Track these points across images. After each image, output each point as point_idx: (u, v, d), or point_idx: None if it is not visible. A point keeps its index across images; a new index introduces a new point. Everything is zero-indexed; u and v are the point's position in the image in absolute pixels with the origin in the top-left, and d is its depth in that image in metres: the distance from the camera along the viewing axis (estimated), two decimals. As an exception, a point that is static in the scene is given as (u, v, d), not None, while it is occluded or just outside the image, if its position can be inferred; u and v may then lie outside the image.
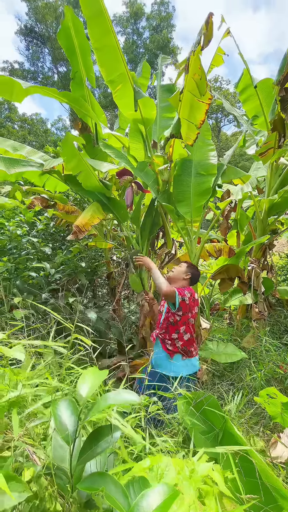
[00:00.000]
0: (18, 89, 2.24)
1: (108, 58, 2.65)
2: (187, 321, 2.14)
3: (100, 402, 0.67)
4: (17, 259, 2.54)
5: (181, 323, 2.13)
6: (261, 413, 2.06)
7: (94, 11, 2.52)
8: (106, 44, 2.59)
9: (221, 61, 3.34)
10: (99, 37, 2.57)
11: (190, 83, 2.34)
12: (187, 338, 2.15)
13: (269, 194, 3.52)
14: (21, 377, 0.80)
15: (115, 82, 2.79)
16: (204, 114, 2.54)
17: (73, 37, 2.99)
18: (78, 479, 0.64)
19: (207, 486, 0.83)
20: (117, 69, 2.74)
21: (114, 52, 2.64)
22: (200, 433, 1.42)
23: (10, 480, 0.55)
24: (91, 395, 0.65)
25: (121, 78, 2.77)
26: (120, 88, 2.83)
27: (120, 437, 0.98)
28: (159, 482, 0.74)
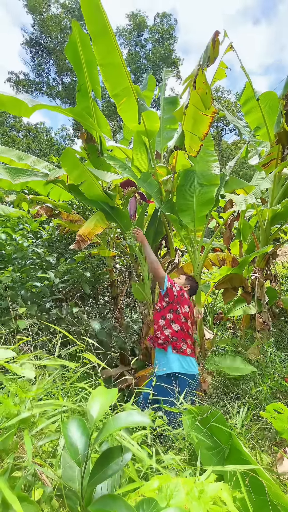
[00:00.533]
0: (25, 107, 2.31)
1: (113, 73, 2.73)
2: (174, 312, 2.24)
3: (111, 423, 0.67)
4: (22, 269, 2.55)
5: (167, 310, 2.24)
6: (266, 428, 2.03)
7: (99, 28, 2.60)
8: (111, 61, 2.68)
9: (223, 75, 3.42)
10: (104, 54, 2.65)
11: (195, 97, 2.39)
12: (176, 328, 2.19)
13: (272, 203, 3.54)
14: (29, 396, 0.80)
15: (120, 96, 2.86)
16: (208, 127, 2.59)
17: (79, 51, 3.08)
18: (89, 500, 0.64)
19: (216, 507, 0.82)
20: (122, 84, 2.81)
21: (118, 68, 2.71)
22: (206, 449, 1.40)
23: (22, 501, 0.55)
24: (101, 416, 0.65)
25: (126, 92, 2.84)
26: (124, 101, 2.90)
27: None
28: (168, 503, 0.73)
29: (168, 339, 2.16)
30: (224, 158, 22.39)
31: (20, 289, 2.47)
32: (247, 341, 3.38)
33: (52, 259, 2.81)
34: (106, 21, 2.60)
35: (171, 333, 2.17)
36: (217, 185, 3.33)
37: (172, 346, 2.14)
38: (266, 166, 3.17)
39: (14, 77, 25.63)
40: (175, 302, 2.26)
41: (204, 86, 2.20)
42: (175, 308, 2.24)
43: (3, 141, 20.45)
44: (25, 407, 0.77)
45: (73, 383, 1.20)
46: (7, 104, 2.28)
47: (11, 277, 2.28)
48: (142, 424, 0.69)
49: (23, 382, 1.07)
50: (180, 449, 1.35)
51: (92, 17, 2.60)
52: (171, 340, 2.16)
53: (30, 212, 3.41)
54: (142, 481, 0.85)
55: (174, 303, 2.25)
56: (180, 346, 2.15)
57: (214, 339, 3.48)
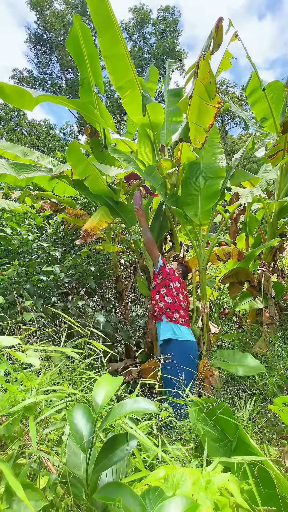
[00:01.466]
0: (29, 98, 2.28)
1: (118, 65, 2.68)
2: (167, 287, 2.51)
3: (116, 409, 0.66)
4: (27, 263, 2.56)
5: (161, 285, 2.52)
6: (273, 421, 2.01)
7: (103, 19, 2.55)
8: (116, 52, 2.62)
9: (229, 65, 3.34)
10: (108, 46, 2.60)
11: (199, 87, 2.33)
12: (169, 301, 2.47)
13: (278, 196, 3.47)
14: (34, 384, 0.80)
15: (124, 88, 2.81)
16: (213, 118, 2.53)
17: (81, 45, 3.04)
18: (94, 488, 0.63)
19: (223, 498, 0.81)
20: (126, 76, 2.76)
21: (123, 59, 2.66)
22: (212, 440, 1.39)
23: (26, 488, 0.55)
24: (107, 402, 0.64)
25: (130, 84, 2.79)
26: (128, 93, 2.85)
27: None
28: (174, 493, 0.72)
29: (162, 310, 2.45)
30: (230, 152, 22.08)
31: (26, 283, 2.49)
32: (253, 335, 3.35)
33: (57, 254, 2.81)
34: (111, 12, 2.56)
35: (165, 305, 2.46)
36: (223, 177, 3.27)
37: (166, 316, 2.42)
38: (272, 158, 3.10)
39: (18, 74, 25.64)
40: (167, 278, 2.54)
41: (208, 75, 2.14)
42: (168, 283, 2.53)
43: (8, 139, 20.55)
44: (30, 394, 0.77)
45: (79, 374, 1.20)
46: (11, 95, 2.25)
47: (17, 271, 2.29)
48: (149, 411, 0.68)
49: (29, 372, 1.07)
50: (186, 441, 1.35)
51: (97, 8, 2.56)
52: (165, 311, 2.44)
53: (34, 207, 3.42)
54: (147, 471, 0.84)
55: (166, 279, 2.54)
56: (173, 316, 2.42)
57: (220, 334, 3.46)
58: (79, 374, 1.24)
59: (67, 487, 0.64)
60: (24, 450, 0.67)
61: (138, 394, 1.26)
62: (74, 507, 0.63)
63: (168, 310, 2.44)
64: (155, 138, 3.02)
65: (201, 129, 2.64)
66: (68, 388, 0.86)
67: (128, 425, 0.83)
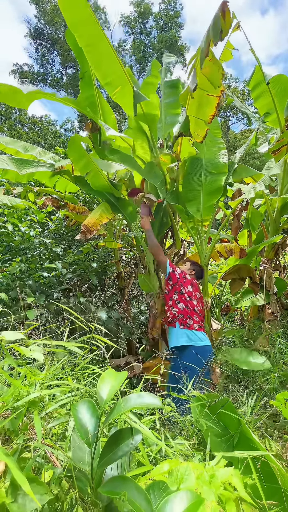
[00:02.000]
0: (21, 96, 2.20)
1: (102, 60, 2.50)
2: (179, 292, 2.49)
3: (121, 404, 0.66)
4: (29, 259, 2.56)
5: (173, 291, 2.50)
6: (276, 416, 2.02)
7: (79, 18, 2.32)
8: (98, 47, 2.44)
9: (230, 56, 3.22)
10: (89, 41, 2.42)
11: (201, 79, 2.27)
12: (181, 307, 2.46)
13: (281, 192, 3.45)
14: (38, 378, 0.80)
15: (112, 84, 2.65)
16: (215, 109, 2.45)
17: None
18: (99, 482, 0.63)
19: (227, 492, 0.81)
20: (114, 71, 2.59)
21: (108, 54, 2.48)
22: (214, 435, 1.40)
23: (32, 482, 0.55)
24: (111, 397, 0.64)
25: (119, 81, 2.63)
26: (119, 90, 2.71)
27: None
28: (178, 487, 0.72)
29: (175, 317, 2.43)
30: (232, 148, 21.91)
31: (28, 280, 2.49)
32: (255, 331, 3.35)
33: (59, 250, 2.81)
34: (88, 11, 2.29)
35: (178, 312, 2.44)
36: (225, 173, 3.24)
37: (180, 322, 2.40)
38: (276, 153, 3.07)
39: (18, 69, 25.43)
40: (178, 284, 2.51)
41: (211, 63, 2.09)
42: (179, 289, 2.51)
43: (9, 135, 20.45)
44: (34, 389, 0.77)
45: (82, 369, 1.21)
46: (5, 94, 2.19)
47: (19, 268, 2.29)
48: (153, 406, 0.68)
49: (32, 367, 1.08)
50: (189, 436, 1.35)
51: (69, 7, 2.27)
52: (178, 317, 2.42)
53: (36, 203, 3.41)
54: (151, 465, 0.84)
55: (177, 285, 2.51)
56: (186, 322, 2.40)
57: (221, 330, 3.46)
58: (82, 369, 1.24)
59: (72, 481, 0.64)
60: (29, 444, 0.68)
61: (142, 390, 1.26)
62: (79, 501, 0.63)
63: (181, 317, 2.41)
64: (151, 133, 2.93)
65: (202, 121, 2.56)
66: (73, 383, 0.86)
67: (132, 420, 0.83)
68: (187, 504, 0.55)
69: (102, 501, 0.66)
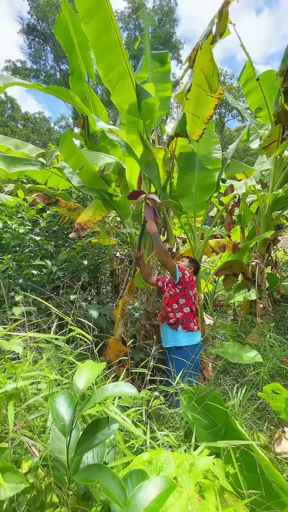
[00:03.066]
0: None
1: (107, 55, 2.40)
2: (186, 296, 2.47)
3: (97, 394, 0.66)
4: (20, 257, 2.55)
5: (181, 295, 2.46)
6: (264, 409, 2.05)
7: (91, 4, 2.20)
8: (106, 40, 2.33)
9: (227, 32, 3.10)
10: (98, 33, 2.31)
11: (199, 76, 2.23)
12: (187, 311, 2.45)
13: (273, 188, 3.47)
14: (19, 371, 0.80)
15: (114, 80, 2.53)
16: (213, 109, 2.42)
17: (71, 32, 2.96)
18: (75, 470, 0.64)
19: (207, 480, 0.83)
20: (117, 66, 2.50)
21: (115, 48, 2.37)
22: (202, 428, 1.42)
23: (7, 471, 0.55)
24: (87, 387, 0.64)
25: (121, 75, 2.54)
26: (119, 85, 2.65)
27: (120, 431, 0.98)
28: (158, 475, 0.73)
29: (179, 321, 2.43)
30: (227, 145, 21.90)
31: (18, 277, 2.48)
32: (247, 326, 3.38)
33: (50, 247, 2.79)
34: None
35: (182, 316, 2.44)
36: (219, 169, 3.25)
37: (183, 326, 2.43)
38: (267, 149, 3.08)
39: (11, 66, 25.09)
40: (187, 287, 2.47)
41: (210, 64, 2.07)
42: (188, 293, 2.47)
43: (2, 132, 20.21)
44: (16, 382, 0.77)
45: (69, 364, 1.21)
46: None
47: (8, 265, 2.27)
48: (129, 394, 0.69)
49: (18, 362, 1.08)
50: (177, 428, 1.37)
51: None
52: (182, 322, 2.43)
53: (27, 200, 3.38)
54: (133, 455, 0.85)
55: (187, 289, 2.47)
56: (189, 326, 2.43)
57: (214, 325, 3.49)
58: (70, 364, 1.25)
59: (48, 469, 0.65)
60: (7, 435, 0.68)
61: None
62: (56, 489, 0.64)
63: (185, 321, 2.43)
64: (145, 125, 2.82)
65: (199, 120, 2.54)
66: (52, 374, 0.87)
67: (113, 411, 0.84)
68: (160, 490, 0.55)
69: (79, 489, 0.66)
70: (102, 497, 0.65)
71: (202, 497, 0.75)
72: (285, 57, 2.63)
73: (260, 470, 1.05)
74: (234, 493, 0.88)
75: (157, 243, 2.43)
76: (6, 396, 0.72)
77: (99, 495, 0.65)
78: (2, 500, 0.55)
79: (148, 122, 2.68)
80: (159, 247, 2.41)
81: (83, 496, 0.66)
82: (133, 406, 1.24)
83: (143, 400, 1.25)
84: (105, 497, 0.62)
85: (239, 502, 0.84)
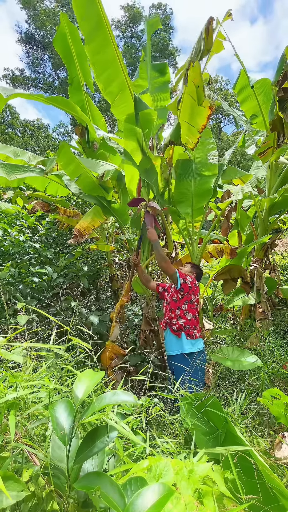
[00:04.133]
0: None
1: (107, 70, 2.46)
2: (189, 302, 2.44)
3: (95, 402, 0.68)
4: (19, 264, 2.57)
5: (183, 301, 2.43)
6: (264, 414, 2.05)
7: (93, 24, 2.28)
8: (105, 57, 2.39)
9: (221, 47, 3.15)
10: (97, 50, 2.38)
11: (191, 87, 2.31)
12: (189, 317, 2.43)
13: (269, 193, 3.51)
14: (19, 380, 0.82)
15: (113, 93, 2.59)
16: (206, 120, 2.49)
17: (69, 43, 3.03)
18: (75, 478, 0.65)
19: (206, 487, 0.84)
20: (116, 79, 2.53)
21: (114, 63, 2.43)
22: (202, 434, 1.42)
23: (8, 480, 0.57)
24: (87, 395, 0.66)
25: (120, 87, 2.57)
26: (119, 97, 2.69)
27: (120, 438, 0.99)
28: (157, 482, 0.74)
29: (181, 328, 2.40)
30: (224, 150, 22.13)
31: (19, 285, 2.49)
32: (246, 331, 3.39)
33: (49, 254, 2.82)
34: (102, 14, 2.26)
35: (185, 323, 2.41)
36: (215, 175, 3.30)
37: (186, 333, 2.40)
38: (262, 155, 3.13)
39: (9, 74, 25.39)
40: (190, 293, 2.45)
41: (199, 78, 2.14)
42: (190, 298, 2.45)
43: (1, 140, 20.38)
44: (17, 392, 0.79)
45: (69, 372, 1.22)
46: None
47: (9, 272, 2.29)
48: (127, 403, 0.70)
49: (18, 371, 1.09)
50: (177, 435, 1.37)
51: (85, 12, 2.25)
52: (184, 329, 2.40)
53: (26, 208, 3.41)
54: (133, 463, 0.86)
55: (189, 294, 2.45)
56: (192, 333, 2.41)
57: (214, 330, 3.50)
58: (70, 372, 1.26)
59: (49, 477, 0.66)
60: (8, 444, 0.69)
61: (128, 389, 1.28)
62: (56, 497, 0.65)
63: (187, 328, 2.40)
64: (144, 134, 2.87)
65: (194, 129, 2.60)
66: (51, 384, 0.88)
67: (112, 419, 0.85)
68: (159, 496, 0.57)
69: (79, 497, 0.68)
70: (102, 504, 0.66)
71: (200, 503, 0.76)
72: (279, 68, 2.70)
73: (258, 475, 1.05)
74: (233, 499, 0.88)
75: (157, 251, 2.44)
76: (7, 405, 0.73)
77: (98, 503, 0.66)
78: (4, 508, 0.56)
79: (147, 131, 2.71)
80: (159, 254, 2.42)
81: (83, 504, 0.67)
82: (132, 413, 1.25)
83: (143, 407, 1.26)
84: (104, 504, 0.63)
85: (237, 507, 0.85)
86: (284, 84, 2.70)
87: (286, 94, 2.60)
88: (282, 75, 2.71)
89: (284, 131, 2.93)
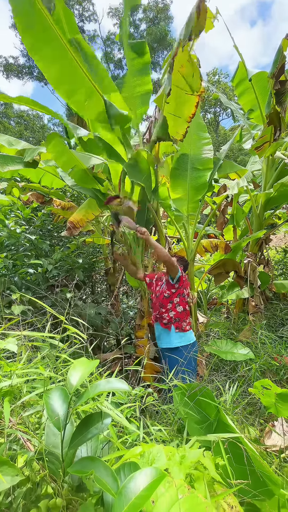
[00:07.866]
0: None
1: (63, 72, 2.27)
2: (181, 295, 2.46)
3: (90, 389, 0.69)
4: (14, 256, 2.55)
5: (176, 295, 2.44)
6: (255, 404, 2.10)
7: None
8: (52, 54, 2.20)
9: (210, 25, 3.00)
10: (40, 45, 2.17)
11: (176, 77, 2.21)
12: (180, 310, 2.45)
13: (265, 188, 3.52)
14: (14, 369, 0.82)
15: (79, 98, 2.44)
16: (194, 107, 2.40)
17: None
18: (69, 463, 0.67)
19: (197, 472, 0.86)
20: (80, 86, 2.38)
21: (70, 64, 2.24)
22: (194, 423, 1.45)
23: (3, 465, 0.58)
24: (81, 383, 0.67)
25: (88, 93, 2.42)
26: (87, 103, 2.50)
27: (114, 426, 1.01)
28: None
29: (171, 320, 2.42)
30: (222, 144, 22.02)
31: (14, 276, 2.48)
32: (240, 324, 3.44)
33: (45, 246, 2.80)
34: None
35: (175, 315, 2.43)
36: (210, 169, 3.29)
37: (175, 326, 2.42)
38: (259, 150, 3.13)
39: (3, 61, 24.69)
40: (183, 286, 2.47)
41: (189, 64, 2.08)
42: (182, 292, 2.47)
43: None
44: (11, 380, 0.79)
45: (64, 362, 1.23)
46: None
47: (4, 264, 2.27)
48: (121, 390, 0.72)
49: (13, 361, 1.10)
50: (170, 424, 1.40)
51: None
52: (174, 321, 2.42)
53: (21, 199, 3.37)
54: (126, 449, 0.88)
55: (182, 288, 2.46)
56: (182, 325, 2.43)
57: (208, 323, 3.54)
58: (64, 362, 1.27)
59: (43, 463, 0.67)
60: (2, 431, 0.70)
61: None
62: (50, 482, 0.66)
63: (177, 320, 2.42)
64: (124, 132, 2.75)
65: (181, 120, 2.45)
66: (46, 372, 0.89)
67: (107, 407, 0.87)
68: (151, 479, 0.58)
69: (73, 481, 0.69)
70: (95, 488, 0.67)
71: (192, 487, 0.79)
72: (276, 60, 2.67)
73: (248, 462, 1.09)
74: (223, 483, 0.91)
75: (159, 249, 2.37)
76: (1, 393, 0.74)
77: (92, 486, 0.67)
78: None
79: (127, 127, 2.60)
80: (162, 251, 2.35)
81: (77, 488, 0.69)
82: (127, 402, 1.27)
83: (137, 396, 1.28)
84: (98, 488, 0.65)
85: (227, 490, 0.88)
86: (281, 77, 2.68)
87: (283, 87, 2.58)
88: (279, 67, 2.68)
89: (280, 125, 2.92)
